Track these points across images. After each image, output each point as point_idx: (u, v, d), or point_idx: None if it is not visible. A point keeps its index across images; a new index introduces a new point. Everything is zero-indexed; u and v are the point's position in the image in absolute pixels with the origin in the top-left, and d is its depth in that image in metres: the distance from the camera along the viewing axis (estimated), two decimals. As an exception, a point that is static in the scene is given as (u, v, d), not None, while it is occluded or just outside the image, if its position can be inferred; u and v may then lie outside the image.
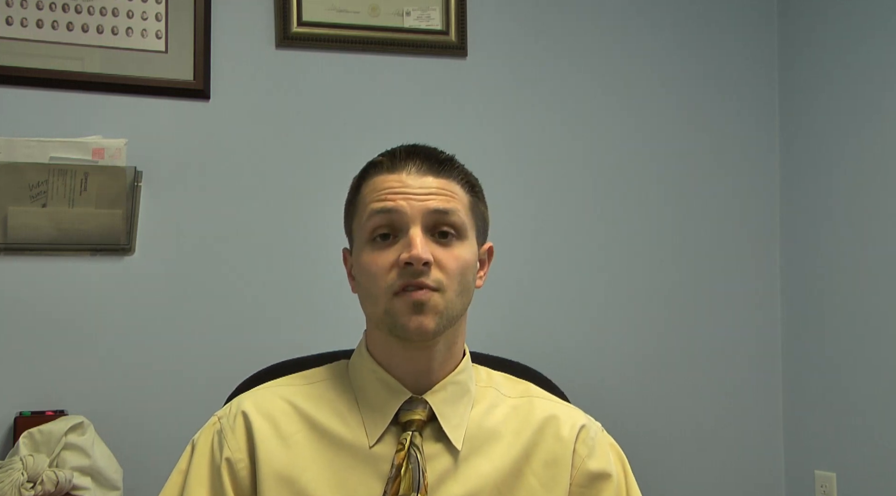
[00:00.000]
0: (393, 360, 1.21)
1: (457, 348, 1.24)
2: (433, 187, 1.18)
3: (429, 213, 1.17)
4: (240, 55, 2.43)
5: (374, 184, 1.21)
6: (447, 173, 1.20)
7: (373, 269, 1.16)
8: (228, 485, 1.16)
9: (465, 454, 1.18)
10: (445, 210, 1.17)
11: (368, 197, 1.20)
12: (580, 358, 2.63)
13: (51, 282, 2.25)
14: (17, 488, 1.92)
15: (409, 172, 1.19)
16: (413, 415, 1.18)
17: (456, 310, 1.18)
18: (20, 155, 2.20)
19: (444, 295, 1.15)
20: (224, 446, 1.17)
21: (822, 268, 2.76)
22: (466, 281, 1.19)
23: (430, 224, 1.17)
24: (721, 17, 2.86)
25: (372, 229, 1.18)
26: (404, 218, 1.16)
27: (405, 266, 1.14)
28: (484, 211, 1.26)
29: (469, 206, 1.21)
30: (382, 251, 1.17)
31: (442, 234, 1.18)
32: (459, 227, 1.19)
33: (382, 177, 1.20)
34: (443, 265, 1.16)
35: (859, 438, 2.63)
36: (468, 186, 1.23)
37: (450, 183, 1.20)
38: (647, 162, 2.76)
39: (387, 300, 1.16)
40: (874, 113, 2.62)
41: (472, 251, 1.20)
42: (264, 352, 1.70)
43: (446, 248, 1.17)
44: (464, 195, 1.21)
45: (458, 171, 1.22)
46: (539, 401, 1.26)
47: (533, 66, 2.67)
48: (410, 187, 1.17)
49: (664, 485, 2.65)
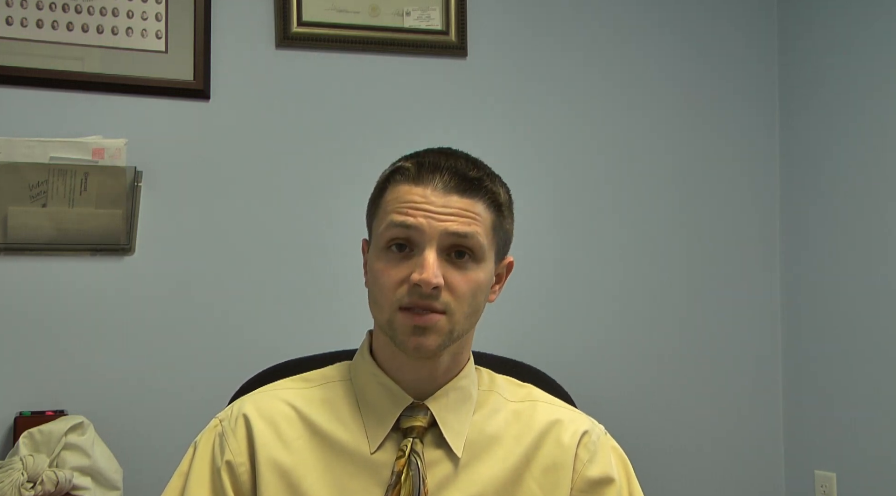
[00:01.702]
0: (396, 365, 1.20)
1: (462, 357, 1.23)
2: (456, 207, 1.15)
3: (447, 234, 1.14)
4: (240, 55, 2.43)
5: (397, 192, 1.18)
6: (473, 193, 1.17)
7: (383, 280, 1.16)
8: (229, 488, 1.16)
9: (466, 460, 1.18)
10: (465, 233, 1.15)
11: (390, 205, 1.18)
12: (581, 358, 2.63)
13: (51, 282, 2.25)
14: (17, 488, 1.92)
15: (435, 188, 1.16)
16: (414, 422, 1.18)
17: (461, 331, 1.17)
18: (20, 155, 2.20)
19: (451, 317, 1.15)
20: (225, 449, 1.17)
21: (823, 268, 2.76)
22: (477, 302, 1.18)
23: (447, 245, 1.15)
24: (720, 13, 2.86)
25: (389, 239, 1.16)
26: (422, 236, 1.14)
27: (415, 286, 1.13)
28: (509, 227, 1.24)
29: (492, 227, 1.19)
30: (396, 264, 1.15)
31: (459, 254, 1.16)
32: (477, 250, 1.16)
33: (407, 187, 1.17)
34: (453, 288, 1.14)
35: (859, 438, 2.63)
36: (494, 206, 1.20)
37: (474, 203, 1.17)
38: (647, 162, 2.76)
39: (391, 312, 1.15)
40: (875, 111, 2.62)
41: (486, 272, 1.19)
42: (264, 352, 1.70)
43: (460, 270, 1.15)
44: (488, 215, 1.18)
45: (486, 190, 1.18)
46: (542, 406, 1.26)
47: (533, 66, 2.67)
48: (433, 204, 1.15)
49: (664, 484, 2.65)
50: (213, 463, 1.17)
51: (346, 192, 2.46)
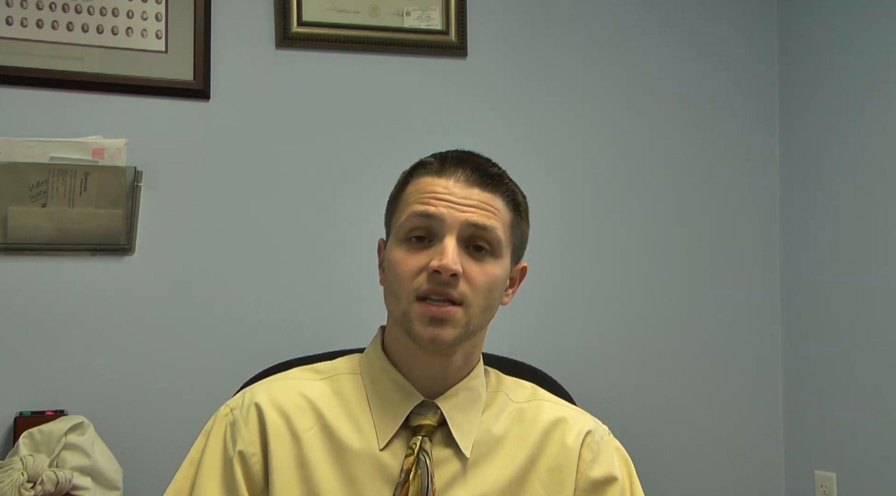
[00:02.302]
0: (408, 361, 1.20)
1: (474, 358, 1.24)
2: (476, 200, 1.18)
3: (467, 225, 1.16)
4: (240, 55, 2.43)
5: (419, 184, 1.20)
6: (493, 188, 1.20)
7: (401, 269, 1.16)
8: (241, 479, 1.15)
9: (474, 460, 1.18)
10: (484, 226, 1.17)
11: (412, 197, 1.20)
12: (582, 358, 2.63)
13: (51, 282, 2.25)
14: (17, 488, 1.92)
15: (457, 180, 1.18)
16: (424, 420, 1.18)
17: (477, 325, 1.18)
18: (20, 155, 2.20)
19: (467, 310, 1.15)
20: (238, 439, 1.17)
21: (823, 268, 2.76)
22: (492, 297, 1.18)
23: (467, 236, 1.17)
24: (720, 13, 2.86)
25: (409, 229, 1.18)
26: (442, 225, 1.16)
27: (433, 273, 1.13)
28: (525, 230, 1.26)
29: (510, 224, 1.21)
30: (415, 253, 1.16)
31: (476, 247, 1.17)
32: (495, 244, 1.18)
33: (429, 179, 1.20)
34: (471, 279, 1.15)
35: (859, 438, 2.63)
36: (513, 204, 1.22)
37: (494, 198, 1.19)
38: (647, 162, 2.77)
39: (408, 303, 1.15)
40: (875, 111, 2.62)
41: (503, 269, 1.20)
42: (264, 352, 1.70)
43: (478, 262, 1.17)
44: (506, 212, 1.21)
45: (506, 187, 1.22)
46: (546, 405, 1.26)
47: (533, 66, 2.67)
48: (454, 195, 1.17)
49: (665, 484, 2.65)
50: (225, 453, 1.17)
51: (346, 191, 2.46)
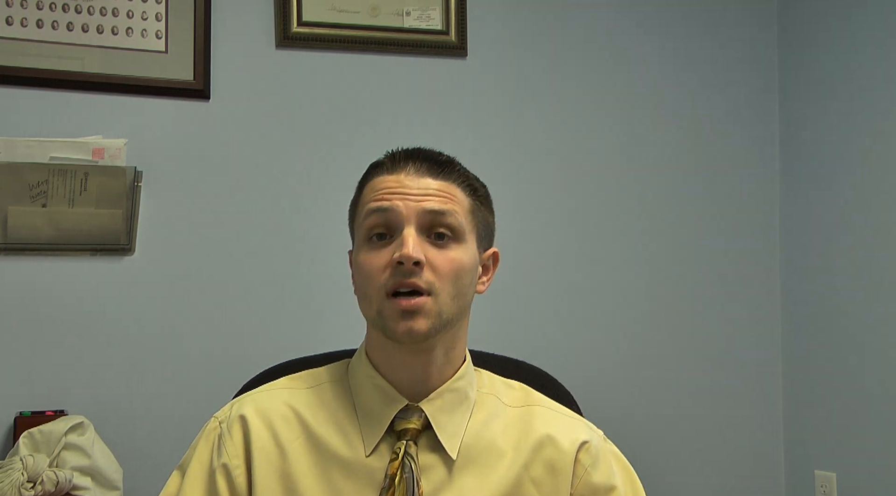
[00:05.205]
0: (390, 365, 1.19)
1: (456, 354, 1.22)
2: (431, 189, 1.17)
3: (424, 213, 1.16)
4: (240, 55, 2.43)
5: (373, 184, 1.21)
6: (447, 175, 1.19)
7: (367, 269, 1.16)
8: (224, 491, 1.16)
9: (461, 464, 1.17)
10: (441, 211, 1.16)
11: (367, 197, 1.20)
12: (582, 358, 2.63)
13: (51, 282, 2.25)
14: (17, 488, 1.92)
15: (408, 173, 1.18)
16: (408, 424, 1.17)
17: (450, 314, 1.16)
18: (20, 155, 2.20)
19: (436, 298, 1.14)
20: (222, 452, 1.17)
21: (822, 269, 2.76)
22: (462, 284, 1.17)
23: (426, 225, 1.16)
24: (721, 23, 2.86)
25: (368, 228, 1.18)
26: (399, 217, 1.15)
27: (397, 265, 1.13)
28: (487, 216, 1.24)
29: (469, 209, 1.20)
30: (378, 251, 1.16)
31: (438, 235, 1.16)
32: (456, 229, 1.17)
33: (382, 177, 1.20)
34: (435, 267, 1.14)
35: (859, 438, 2.63)
36: (469, 189, 1.21)
37: (449, 185, 1.19)
38: (647, 164, 2.76)
39: (379, 302, 1.15)
40: (876, 113, 2.62)
41: (469, 254, 1.19)
42: (264, 352, 1.70)
43: (441, 249, 1.16)
44: (464, 198, 1.20)
45: (459, 173, 1.21)
46: (539, 410, 1.24)
47: (533, 67, 2.67)
48: (408, 188, 1.17)
49: (664, 484, 2.65)
50: (210, 465, 1.17)
51: (346, 191, 2.45)
